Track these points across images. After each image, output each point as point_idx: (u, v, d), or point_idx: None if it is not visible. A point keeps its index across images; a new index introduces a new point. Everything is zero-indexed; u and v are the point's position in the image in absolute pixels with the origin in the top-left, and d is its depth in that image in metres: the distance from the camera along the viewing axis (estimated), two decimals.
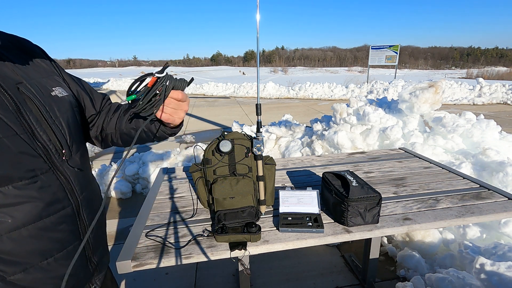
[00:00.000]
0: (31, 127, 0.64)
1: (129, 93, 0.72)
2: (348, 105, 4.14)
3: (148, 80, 0.71)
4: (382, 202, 1.18)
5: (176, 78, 0.74)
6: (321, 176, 1.39)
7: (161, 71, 0.71)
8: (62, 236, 0.70)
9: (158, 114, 0.76)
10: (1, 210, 0.59)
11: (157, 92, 0.71)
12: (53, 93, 0.73)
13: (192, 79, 0.76)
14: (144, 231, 1.17)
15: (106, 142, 0.95)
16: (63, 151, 0.70)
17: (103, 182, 3.50)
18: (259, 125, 1.19)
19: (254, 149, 1.19)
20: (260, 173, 1.22)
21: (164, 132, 0.87)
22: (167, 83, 0.72)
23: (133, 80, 0.73)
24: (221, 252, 1.04)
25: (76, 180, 0.74)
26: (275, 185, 1.36)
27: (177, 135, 6.76)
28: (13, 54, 0.69)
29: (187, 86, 0.74)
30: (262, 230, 1.14)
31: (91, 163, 4.55)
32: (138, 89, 0.72)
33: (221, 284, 2.01)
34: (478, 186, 1.49)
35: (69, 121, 0.74)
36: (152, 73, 0.71)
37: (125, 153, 0.87)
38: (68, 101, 0.77)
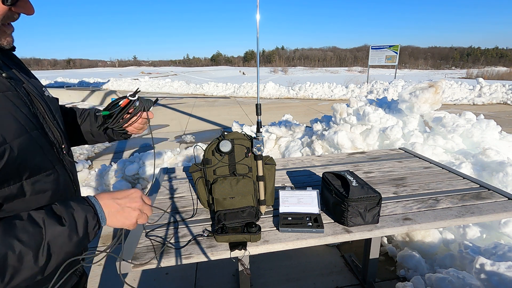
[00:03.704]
0: (41, 124, 0.69)
1: (107, 108, 0.88)
2: (348, 105, 4.14)
3: (122, 101, 0.88)
4: (382, 202, 1.18)
5: (145, 99, 0.90)
6: (321, 176, 1.39)
7: (133, 95, 0.87)
8: None
9: (130, 129, 0.92)
10: (31, 197, 0.65)
11: (128, 112, 0.87)
12: (45, 94, 0.77)
13: (156, 99, 0.96)
14: (144, 231, 1.17)
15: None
16: (63, 145, 0.76)
17: (103, 182, 3.50)
18: (259, 125, 1.20)
19: (254, 149, 1.19)
20: (260, 173, 1.22)
21: (120, 137, 1.01)
22: (137, 104, 0.88)
23: (112, 100, 0.89)
24: (221, 252, 1.04)
25: (73, 170, 0.82)
26: (275, 185, 1.36)
27: (177, 135, 6.69)
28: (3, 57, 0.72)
29: (153, 105, 0.92)
30: (262, 230, 1.14)
31: (91, 163, 4.56)
32: (114, 108, 0.88)
33: (221, 284, 2.01)
34: (478, 186, 1.49)
35: (61, 119, 0.80)
36: (126, 96, 0.87)
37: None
38: (55, 101, 0.83)
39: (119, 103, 0.87)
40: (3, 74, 0.64)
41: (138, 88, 0.92)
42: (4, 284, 0.51)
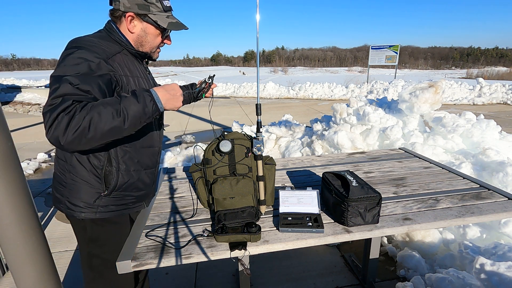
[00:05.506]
0: None
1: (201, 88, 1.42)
2: (348, 105, 4.14)
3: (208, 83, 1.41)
4: (382, 202, 1.18)
5: (210, 77, 1.40)
6: (321, 176, 1.39)
7: (209, 79, 1.39)
8: (154, 159, 1.25)
9: (207, 95, 1.48)
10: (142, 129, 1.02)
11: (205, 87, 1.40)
12: None
13: (214, 75, 1.43)
14: (144, 231, 1.17)
15: None
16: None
17: None
18: (259, 125, 1.20)
19: (254, 149, 1.19)
20: (260, 173, 1.22)
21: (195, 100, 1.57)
22: (211, 81, 1.39)
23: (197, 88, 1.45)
24: (221, 252, 1.04)
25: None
26: (275, 185, 1.36)
27: (177, 135, 6.67)
28: None
29: (213, 79, 1.40)
30: (262, 230, 1.14)
31: None
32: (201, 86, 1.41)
33: (221, 284, 2.01)
34: (478, 186, 1.49)
35: None
36: (205, 80, 1.40)
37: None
38: None
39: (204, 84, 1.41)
40: (147, 70, 1.20)
41: (214, 74, 1.44)
42: (91, 134, 0.82)
